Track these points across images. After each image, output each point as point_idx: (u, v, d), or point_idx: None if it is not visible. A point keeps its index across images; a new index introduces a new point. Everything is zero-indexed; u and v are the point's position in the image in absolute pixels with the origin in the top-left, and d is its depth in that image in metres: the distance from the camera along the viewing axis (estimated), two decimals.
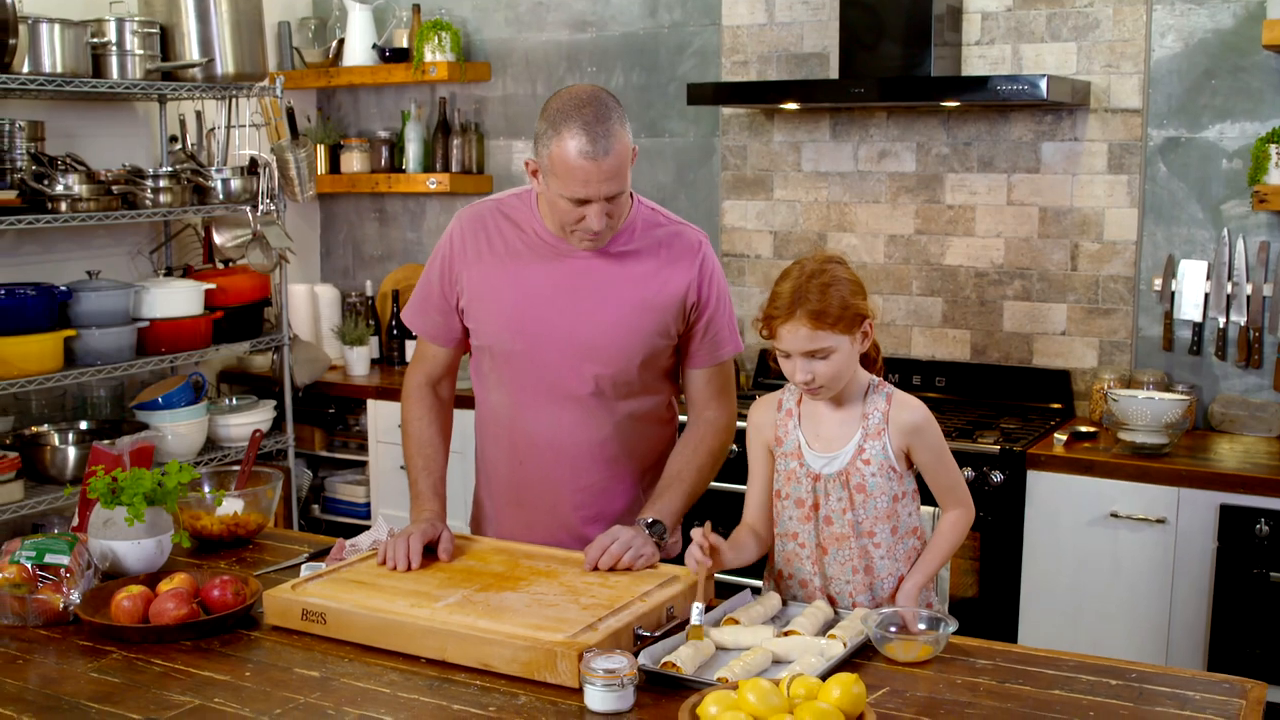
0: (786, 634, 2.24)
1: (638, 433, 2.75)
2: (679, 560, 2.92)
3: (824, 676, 2.02)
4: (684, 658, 2.09)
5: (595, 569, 2.44)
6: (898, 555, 2.45)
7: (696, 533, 2.36)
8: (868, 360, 2.50)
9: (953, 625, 2.21)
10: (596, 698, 1.95)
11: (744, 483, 2.59)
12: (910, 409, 2.43)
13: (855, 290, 2.37)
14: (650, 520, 2.58)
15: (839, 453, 2.43)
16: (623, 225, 2.60)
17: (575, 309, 2.61)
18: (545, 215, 2.62)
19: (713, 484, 2.80)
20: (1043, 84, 3.75)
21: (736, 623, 2.29)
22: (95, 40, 4.20)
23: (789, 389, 2.53)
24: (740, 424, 2.73)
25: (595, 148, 2.39)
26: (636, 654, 2.09)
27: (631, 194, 2.61)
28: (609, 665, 1.95)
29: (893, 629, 2.22)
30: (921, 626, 2.23)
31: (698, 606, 2.23)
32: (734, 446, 2.87)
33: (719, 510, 4.16)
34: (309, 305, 5.37)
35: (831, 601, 2.44)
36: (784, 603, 2.44)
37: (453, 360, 2.79)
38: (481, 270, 2.66)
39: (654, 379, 2.72)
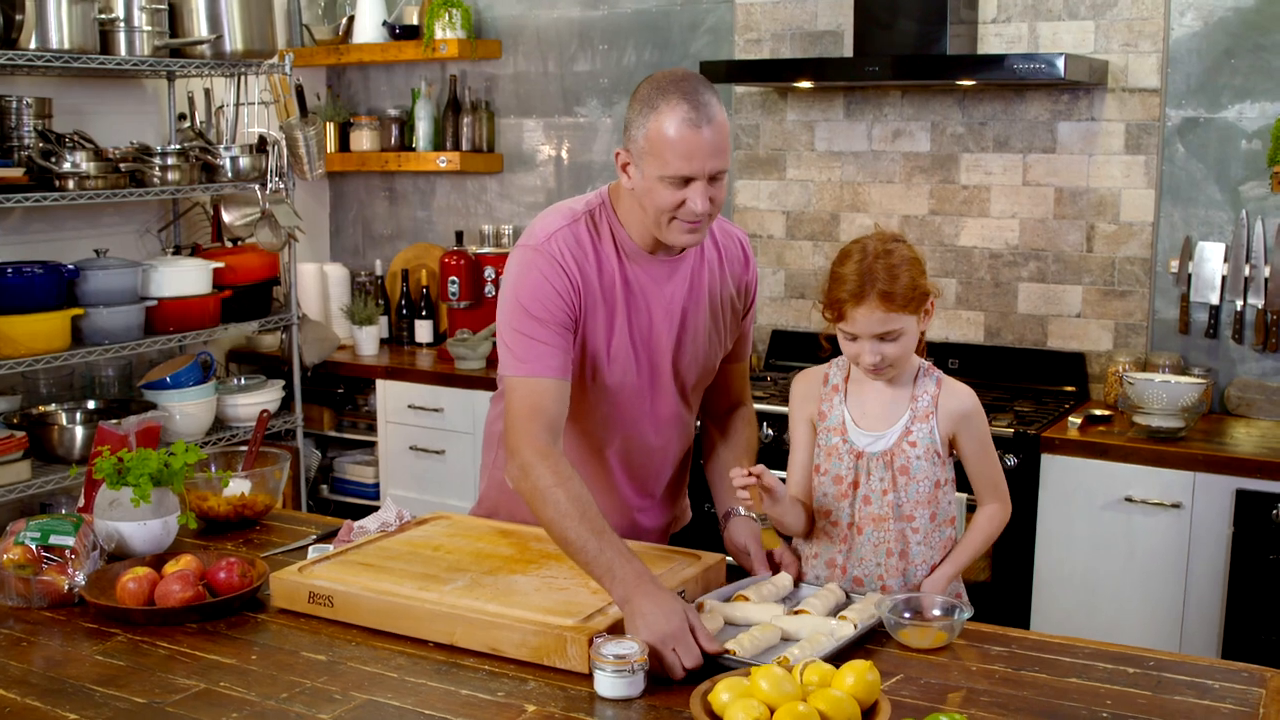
0: (797, 613, 2.21)
1: (686, 443, 2.70)
2: (690, 532, 2.90)
3: (833, 657, 1.99)
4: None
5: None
6: (933, 543, 2.43)
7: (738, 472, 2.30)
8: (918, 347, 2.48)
9: (968, 612, 2.18)
10: (606, 684, 1.93)
11: (775, 466, 2.53)
12: (960, 396, 2.42)
13: (919, 269, 2.35)
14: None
15: (885, 433, 2.41)
16: (703, 238, 2.45)
17: (671, 330, 2.50)
18: (631, 224, 2.44)
19: None
20: (1060, 63, 3.70)
21: (746, 600, 2.27)
22: (103, 16, 4.17)
23: (836, 364, 2.51)
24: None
25: (699, 115, 2.24)
26: None
27: None
28: (619, 651, 1.93)
29: (907, 615, 2.19)
30: (936, 613, 2.20)
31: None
32: (761, 430, 2.83)
33: None
34: (318, 284, 5.35)
35: (857, 583, 2.41)
36: (796, 584, 2.42)
37: (568, 400, 2.37)
38: (590, 302, 2.41)
39: (705, 387, 2.68)
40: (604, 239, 2.43)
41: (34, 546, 2.38)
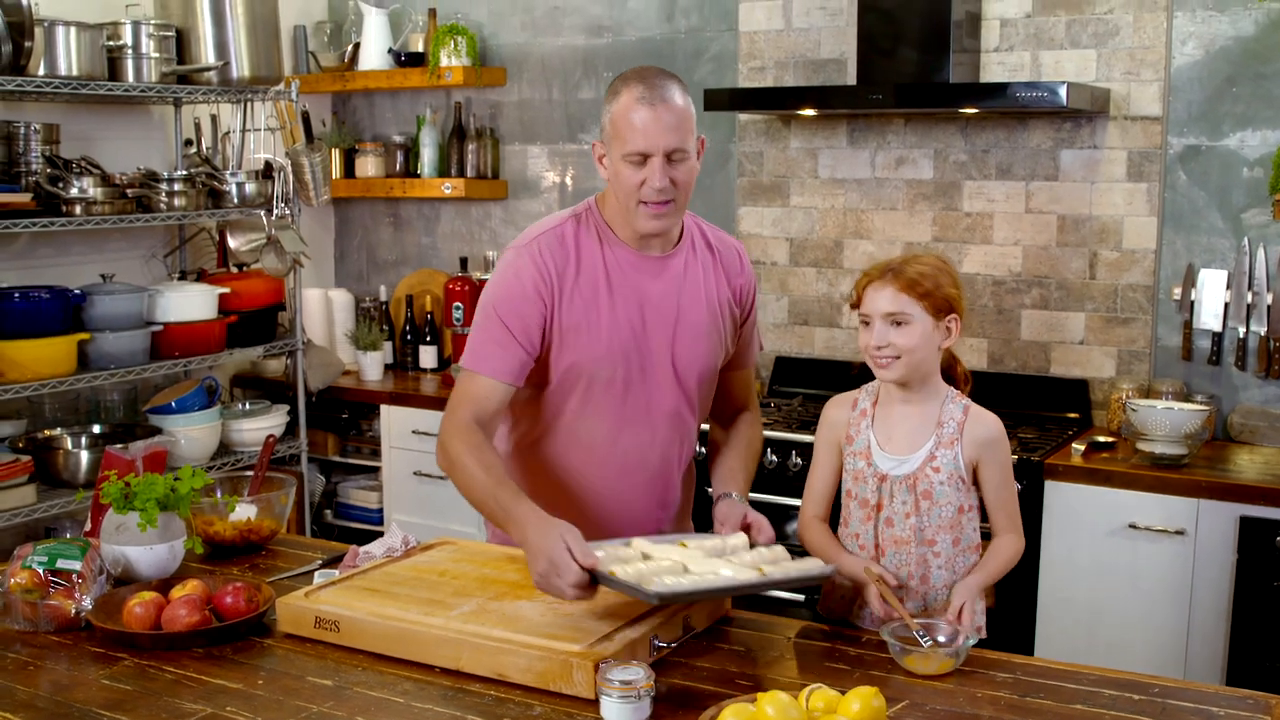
0: (681, 546, 2.31)
1: (688, 454, 2.74)
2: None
3: (726, 591, 2.17)
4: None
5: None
6: (956, 568, 2.44)
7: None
8: (956, 386, 2.54)
9: (973, 638, 2.18)
10: (613, 709, 1.93)
11: (785, 494, 2.58)
12: (987, 423, 2.46)
13: (952, 282, 2.43)
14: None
15: (910, 456, 2.43)
16: (681, 232, 2.60)
17: (667, 325, 2.57)
18: (617, 223, 2.55)
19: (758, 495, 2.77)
20: (1062, 91, 3.72)
21: (685, 546, 2.32)
22: (111, 43, 4.20)
23: (865, 389, 2.56)
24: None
25: (653, 94, 2.39)
26: (653, 664, 2.07)
27: None
28: (625, 676, 1.93)
29: (924, 639, 2.18)
30: (941, 639, 2.20)
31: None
32: (766, 457, 2.86)
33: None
34: (323, 310, 5.36)
35: None
36: (751, 546, 2.41)
37: (506, 401, 2.52)
38: (575, 299, 2.51)
39: (708, 398, 2.72)
40: (589, 238, 2.55)
41: (41, 571, 2.39)
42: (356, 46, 5.35)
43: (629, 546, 2.35)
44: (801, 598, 3.98)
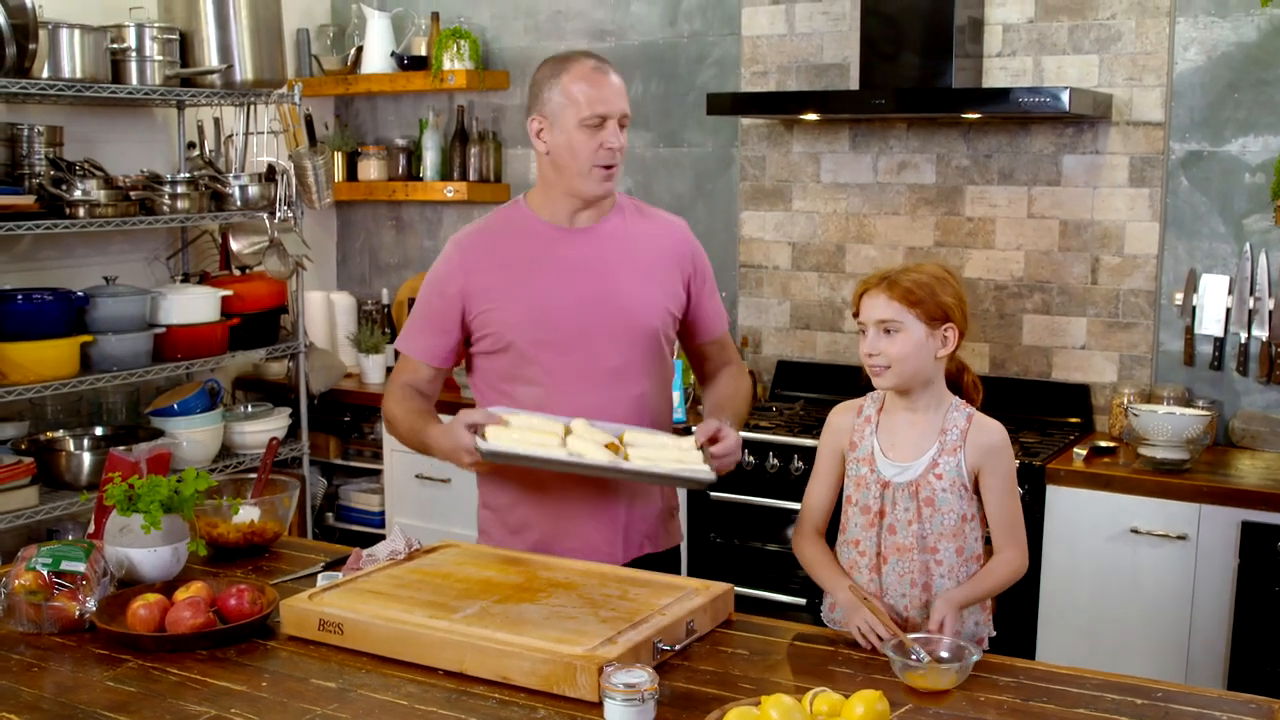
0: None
1: (655, 414, 2.83)
2: (701, 563, 2.95)
3: (550, 463, 2.43)
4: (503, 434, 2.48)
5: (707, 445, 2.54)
6: (959, 576, 2.44)
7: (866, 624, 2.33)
8: (966, 394, 2.54)
9: (977, 654, 2.16)
10: (617, 712, 1.93)
11: (787, 499, 2.59)
12: (989, 430, 2.46)
13: (950, 293, 2.43)
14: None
15: (912, 463, 2.43)
16: (611, 204, 2.79)
17: (602, 282, 2.73)
18: (543, 206, 2.76)
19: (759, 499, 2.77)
20: (1065, 96, 3.72)
21: (620, 439, 2.54)
22: (115, 46, 4.20)
23: (871, 396, 2.56)
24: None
25: (603, 65, 2.67)
26: (656, 667, 2.07)
27: None
28: (629, 680, 1.94)
29: (914, 657, 2.16)
30: (945, 655, 2.18)
31: None
32: (767, 460, 2.86)
33: (739, 521, 4.15)
34: (325, 312, 5.37)
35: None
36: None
37: (436, 381, 2.85)
38: (494, 277, 2.72)
39: (663, 358, 2.84)
40: (516, 221, 2.78)
41: (45, 572, 2.39)
42: (359, 50, 5.36)
43: (568, 422, 2.57)
44: (803, 601, 3.98)
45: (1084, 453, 3.81)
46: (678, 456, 2.51)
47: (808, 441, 3.94)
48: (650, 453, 2.51)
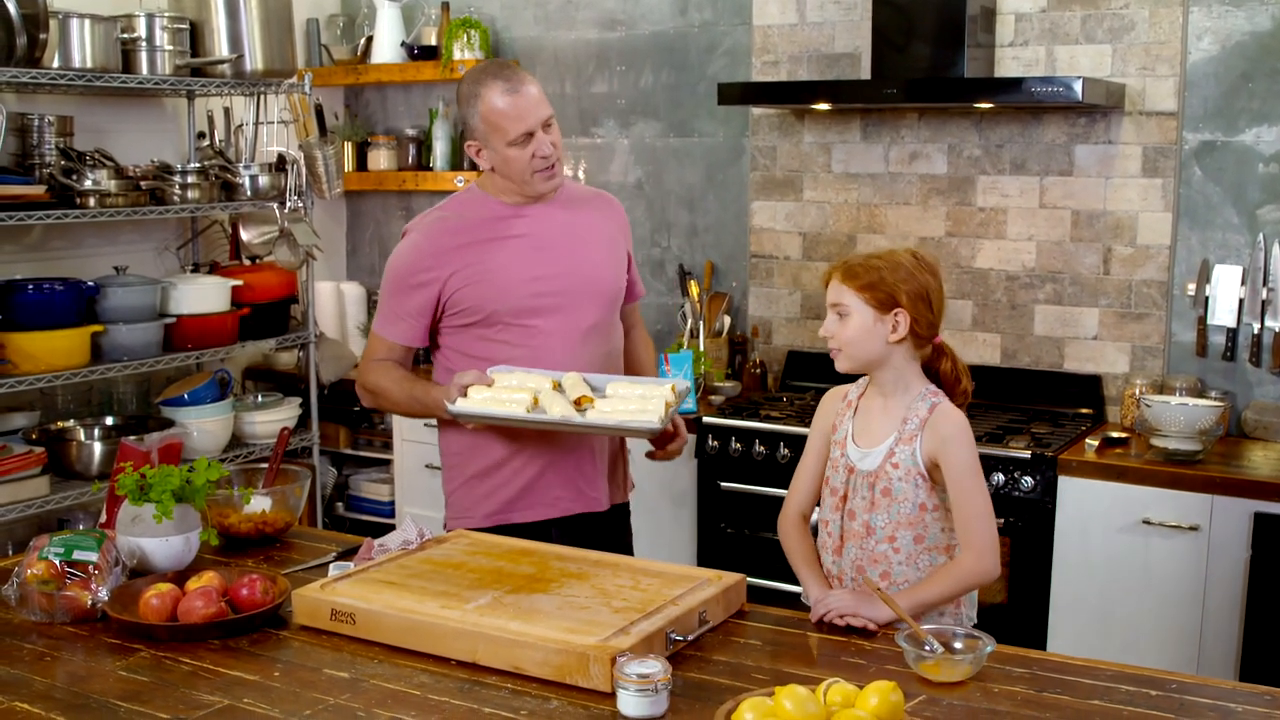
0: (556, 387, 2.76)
1: (621, 369, 3.11)
2: (713, 554, 2.97)
3: (519, 421, 2.68)
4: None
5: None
6: (920, 565, 2.44)
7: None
8: (945, 383, 2.51)
9: (990, 645, 2.15)
10: (630, 703, 1.93)
11: (755, 483, 2.64)
12: (947, 419, 2.43)
13: (906, 280, 2.41)
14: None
15: (873, 451, 2.45)
16: (562, 181, 2.97)
17: (571, 250, 2.93)
18: (499, 190, 2.93)
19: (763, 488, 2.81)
20: (1077, 86, 3.71)
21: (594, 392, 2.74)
22: (125, 36, 4.20)
23: (859, 382, 2.59)
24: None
25: (513, 83, 2.80)
26: (669, 657, 2.07)
27: None
28: (642, 670, 1.93)
29: (927, 648, 2.15)
30: (958, 646, 2.17)
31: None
32: (778, 451, 2.86)
33: (750, 511, 4.14)
34: (335, 303, 5.37)
35: None
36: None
37: (409, 358, 3.01)
38: (465, 256, 2.87)
39: (619, 318, 3.09)
40: (474, 204, 2.94)
41: (58, 562, 2.39)
42: (369, 40, 5.35)
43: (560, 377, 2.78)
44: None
45: (1096, 443, 3.80)
46: (640, 406, 2.67)
47: None
48: (615, 404, 2.70)
